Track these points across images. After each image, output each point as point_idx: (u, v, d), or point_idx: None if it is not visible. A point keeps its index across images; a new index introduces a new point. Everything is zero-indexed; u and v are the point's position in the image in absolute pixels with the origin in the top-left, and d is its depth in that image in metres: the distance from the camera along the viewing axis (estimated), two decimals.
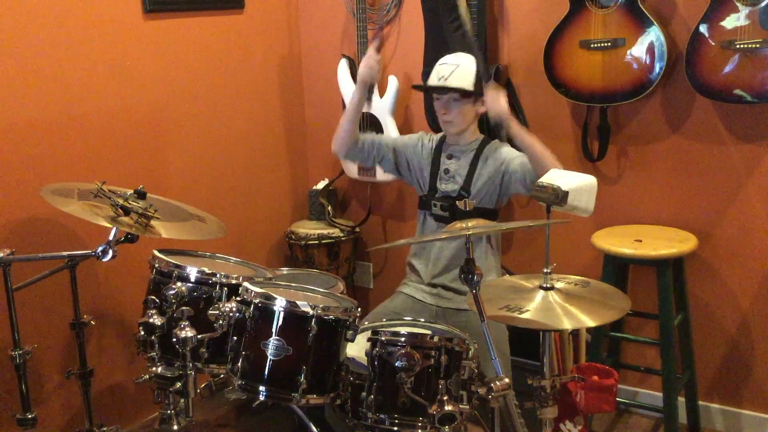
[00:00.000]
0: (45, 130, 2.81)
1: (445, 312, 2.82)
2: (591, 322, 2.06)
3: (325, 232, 3.65)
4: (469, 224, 2.09)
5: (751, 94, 2.70)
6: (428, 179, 2.88)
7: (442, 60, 2.83)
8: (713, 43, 2.72)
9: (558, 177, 2.21)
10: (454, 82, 2.75)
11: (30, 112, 2.77)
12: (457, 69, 2.76)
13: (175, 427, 2.34)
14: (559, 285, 2.21)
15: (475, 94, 2.77)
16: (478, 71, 2.77)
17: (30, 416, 2.48)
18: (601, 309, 2.12)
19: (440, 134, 2.95)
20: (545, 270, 2.19)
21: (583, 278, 2.29)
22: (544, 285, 2.19)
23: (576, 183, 2.18)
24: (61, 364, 2.91)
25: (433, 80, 2.80)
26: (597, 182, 2.25)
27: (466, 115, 2.80)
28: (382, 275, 3.93)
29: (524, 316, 2.05)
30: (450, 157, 2.87)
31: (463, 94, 2.75)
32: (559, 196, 2.16)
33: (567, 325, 2.06)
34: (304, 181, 3.97)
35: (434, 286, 2.88)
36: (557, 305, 2.11)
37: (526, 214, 3.41)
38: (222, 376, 2.38)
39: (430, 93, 2.88)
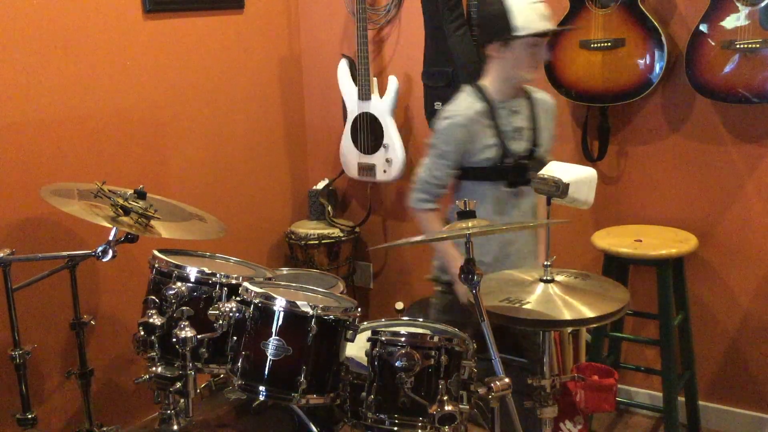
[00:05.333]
0: (45, 130, 2.82)
1: None
2: (591, 314, 2.06)
3: (325, 232, 3.65)
4: (470, 224, 2.09)
5: (751, 93, 2.70)
6: (497, 145, 2.53)
7: None
8: (713, 43, 2.72)
9: (558, 169, 2.21)
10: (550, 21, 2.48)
11: (30, 112, 2.77)
12: (543, 4, 2.48)
13: (175, 427, 2.34)
14: (559, 278, 2.22)
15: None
16: None
17: (30, 416, 2.48)
18: (601, 301, 2.13)
19: (477, 104, 2.54)
20: (545, 263, 2.19)
21: (582, 271, 2.30)
22: (544, 277, 2.19)
23: (576, 175, 2.19)
24: (61, 364, 2.91)
25: (536, 22, 2.44)
26: (597, 174, 2.25)
27: None
28: (382, 275, 3.93)
29: (525, 307, 2.06)
30: (515, 112, 2.57)
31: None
32: (560, 188, 2.16)
33: (567, 316, 2.07)
34: (304, 181, 3.97)
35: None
36: (557, 297, 2.12)
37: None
38: (222, 376, 2.37)
39: (548, 36, 2.51)
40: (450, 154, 2.55)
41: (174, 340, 2.20)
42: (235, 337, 2.23)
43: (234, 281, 2.39)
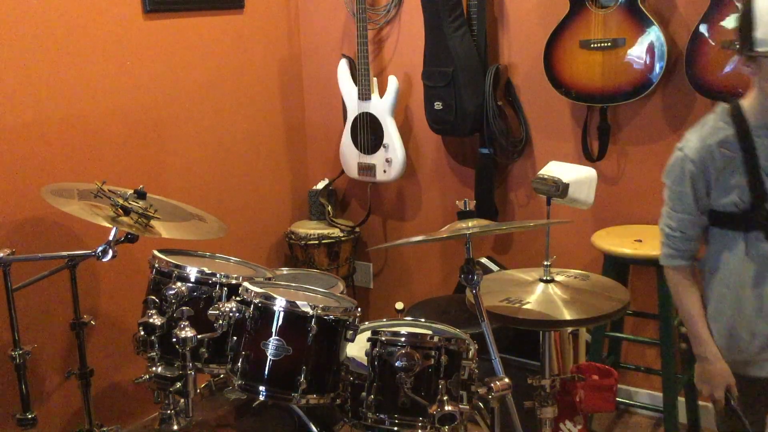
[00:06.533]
0: (45, 130, 2.81)
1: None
2: (591, 314, 2.07)
3: (325, 232, 3.65)
4: (469, 224, 2.09)
5: None
6: (748, 189, 1.90)
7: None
8: (713, 43, 2.72)
9: (558, 169, 2.21)
10: None
11: (30, 112, 2.77)
12: None
13: (175, 427, 2.34)
14: (559, 278, 2.22)
15: None
16: None
17: (30, 416, 2.47)
18: (601, 301, 2.13)
19: (724, 129, 1.93)
20: (545, 263, 2.19)
21: (582, 272, 2.30)
22: (544, 277, 2.20)
23: (576, 175, 2.19)
24: (61, 364, 2.91)
25: None
26: (597, 174, 2.25)
27: None
28: (382, 275, 3.93)
29: (525, 307, 2.07)
30: None
31: None
32: (560, 188, 2.16)
33: (567, 316, 2.07)
34: (304, 181, 3.97)
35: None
36: (557, 297, 2.12)
37: (526, 214, 3.41)
38: (222, 376, 2.37)
39: None
40: (685, 196, 1.97)
41: (174, 340, 2.20)
42: (235, 337, 2.23)
43: (234, 281, 2.39)
